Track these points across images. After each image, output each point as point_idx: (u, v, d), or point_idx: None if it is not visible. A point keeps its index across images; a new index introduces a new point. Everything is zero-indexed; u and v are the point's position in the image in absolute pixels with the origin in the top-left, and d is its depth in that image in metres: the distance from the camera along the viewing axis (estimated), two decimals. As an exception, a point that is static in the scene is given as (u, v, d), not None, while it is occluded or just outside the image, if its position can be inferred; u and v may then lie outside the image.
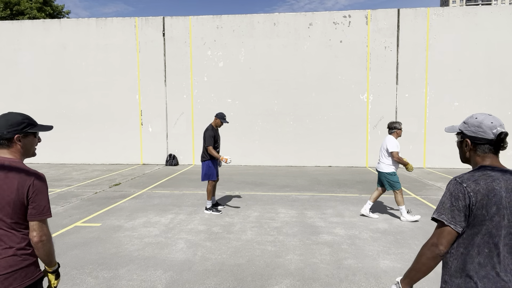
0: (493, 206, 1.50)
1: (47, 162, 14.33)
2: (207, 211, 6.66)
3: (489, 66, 12.66)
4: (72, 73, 14.13)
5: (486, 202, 1.50)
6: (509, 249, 1.52)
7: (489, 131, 1.60)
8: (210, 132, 6.53)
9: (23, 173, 1.81)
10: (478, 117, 1.64)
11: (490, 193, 1.51)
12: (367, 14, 13.05)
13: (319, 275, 4.03)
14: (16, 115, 1.93)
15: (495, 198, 1.50)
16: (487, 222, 1.50)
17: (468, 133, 1.66)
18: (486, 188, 1.52)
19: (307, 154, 13.47)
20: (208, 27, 13.61)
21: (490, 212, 1.50)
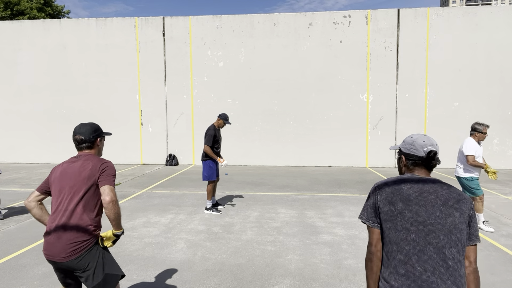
0: (399, 202, 1.65)
1: (47, 162, 14.33)
2: (207, 211, 6.66)
3: (489, 66, 12.66)
4: (72, 73, 14.13)
5: (391, 198, 1.67)
6: (434, 249, 1.57)
7: (421, 149, 1.78)
8: (211, 131, 6.52)
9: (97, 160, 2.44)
10: (413, 136, 1.83)
11: (396, 191, 1.69)
12: (367, 14, 13.05)
13: (319, 275, 4.03)
14: (94, 124, 2.56)
15: (400, 195, 1.66)
16: (398, 217, 1.63)
17: (404, 150, 1.85)
18: (393, 188, 1.70)
19: (307, 154, 13.46)
20: (208, 27, 13.61)
21: (397, 207, 1.65)
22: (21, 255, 4.62)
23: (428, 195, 1.66)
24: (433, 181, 1.73)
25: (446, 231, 1.58)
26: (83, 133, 2.47)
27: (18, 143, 14.39)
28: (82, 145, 2.47)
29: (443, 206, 1.63)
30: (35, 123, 14.33)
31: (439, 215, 1.60)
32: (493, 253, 4.65)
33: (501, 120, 12.72)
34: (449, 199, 1.65)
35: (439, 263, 1.56)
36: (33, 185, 9.49)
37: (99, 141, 2.56)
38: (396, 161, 1.85)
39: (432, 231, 1.59)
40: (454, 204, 1.64)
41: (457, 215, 1.62)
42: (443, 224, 1.59)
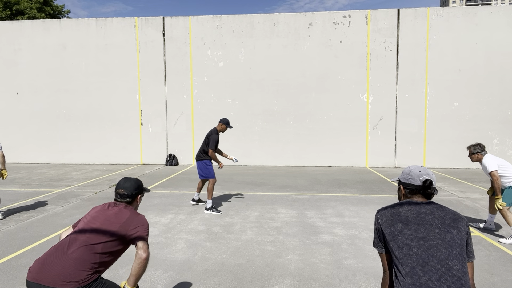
0: (399, 223, 1.79)
1: (47, 162, 14.33)
2: (207, 211, 6.68)
3: (489, 66, 12.66)
4: (72, 73, 14.13)
5: (391, 221, 1.82)
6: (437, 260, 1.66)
7: (417, 178, 1.92)
8: (216, 136, 6.78)
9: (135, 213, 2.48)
10: (410, 167, 1.99)
11: (395, 214, 1.84)
12: (367, 14, 13.05)
13: (319, 275, 4.03)
14: (138, 180, 2.64)
15: (399, 217, 1.81)
16: (399, 236, 1.75)
17: (402, 180, 2.00)
18: (392, 211, 1.87)
19: (307, 154, 13.47)
20: (208, 27, 13.61)
21: (397, 228, 1.78)
22: (21, 255, 4.62)
23: (425, 215, 1.79)
24: (429, 203, 1.87)
25: (446, 245, 1.68)
26: (127, 188, 2.53)
27: (18, 143, 14.39)
28: (123, 200, 2.54)
29: (441, 224, 1.74)
30: (35, 123, 14.33)
31: (438, 232, 1.72)
32: (493, 253, 4.65)
33: (501, 120, 12.72)
34: (446, 218, 1.78)
35: (444, 272, 1.63)
36: (33, 185, 9.49)
37: (139, 198, 2.63)
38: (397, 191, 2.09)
39: (433, 246, 1.68)
40: (451, 223, 1.76)
41: (455, 232, 1.72)
42: (443, 240, 1.69)
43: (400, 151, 13.12)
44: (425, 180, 1.89)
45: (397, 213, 1.83)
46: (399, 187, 2.04)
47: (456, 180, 10.33)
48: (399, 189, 2.04)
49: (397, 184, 2.07)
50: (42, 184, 9.75)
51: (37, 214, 6.66)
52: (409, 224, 1.76)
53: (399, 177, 2.03)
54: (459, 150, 12.79)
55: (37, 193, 8.52)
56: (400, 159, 13.10)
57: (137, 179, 2.60)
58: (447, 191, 8.77)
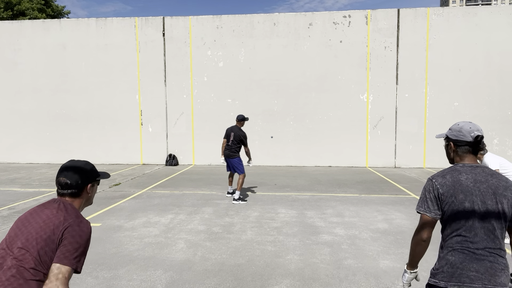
0: (460, 194, 1.87)
1: (47, 162, 14.33)
2: (235, 202, 7.38)
3: (489, 66, 12.65)
4: (72, 73, 14.13)
5: (453, 191, 1.88)
6: (486, 231, 1.84)
7: (468, 135, 1.96)
8: (246, 134, 7.70)
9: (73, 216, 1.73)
10: (460, 124, 2.03)
11: (456, 183, 1.89)
12: (367, 14, 13.05)
13: (319, 275, 4.03)
14: (87, 164, 1.92)
15: (461, 187, 1.87)
16: (459, 207, 1.86)
17: (452, 137, 2.04)
18: (452, 180, 1.90)
19: (307, 154, 13.46)
20: (208, 27, 13.61)
21: (459, 198, 1.86)
22: (21, 255, 4.62)
23: (481, 184, 1.88)
24: (482, 169, 1.95)
25: (496, 217, 1.85)
26: (69, 176, 1.82)
27: (18, 143, 14.39)
28: (64, 191, 1.82)
29: (493, 195, 1.86)
30: (35, 123, 14.33)
31: (490, 204, 1.85)
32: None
33: (501, 120, 12.72)
34: (499, 187, 1.88)
35: (490, 243, 1.84)
36: (33, 185, 9.49)
37: (89, 188, 1.89)
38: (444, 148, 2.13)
39: (485, 217, 1.84)
40: (503, 191, 1.87)
41: (505, 202, 1.86)
42: (493, 210, 1.85)
43: (400, 151, 13.11)
44: (476, 136, 1.94)
45: (458, 182, 1.89)
46: (447, 144, 2.08)
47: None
48: (447, 146, 2.08)
49: (446, 141, 2.10)
50: (42, 184, 9.75)
51: (37, 214, 6.65)
52: (468, 195, 1.86)
53: (447, 134, 2.07)
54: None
55: (37, 193, 8.52)
56: (400, 159, 13.09)
57: (85, 161, 1.94)
58: (447, 191, 8.76)
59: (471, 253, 1.84)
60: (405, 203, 7.47)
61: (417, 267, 2.09)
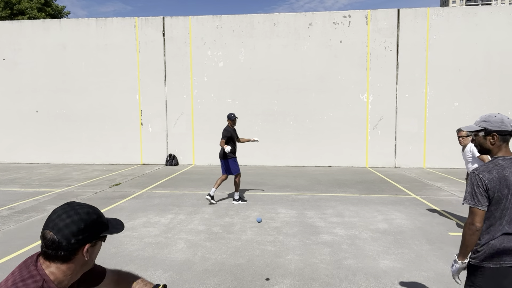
0: (505, 189, 2.06)
1: (47, 162, 14.33)
2: (235, 202, 7.33)
3: (489, 66, 12.66)
4: (72, 73, 14.13)
5: (499, 187, 2.05)
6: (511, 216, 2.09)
7: (509, 125, 2.13)
8: (226, 130, 7.29)
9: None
10: (497, 116, 2.16)
11: (502, 179, 2.05)
12: (367, 14, 13.05)
13: (319, 275, 4.03)
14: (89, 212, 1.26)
15: (506, 183, 2.05)
16: (503, 200, 2.06)
17: (493, 128, 2.15)
18: (498, 176, 2.06)
19: (307, 154, 13.46)
20: (208, 27, 13.61)
21: (504, 193, 2.06)
22: (21, 255, 4.62)
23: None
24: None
25: None
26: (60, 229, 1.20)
27: (18, 143, 14.39)
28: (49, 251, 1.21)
29: None
30: (35, 123, 14.33)
31: None
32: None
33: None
34: None
35: None
36: (33, 185, 9.49)
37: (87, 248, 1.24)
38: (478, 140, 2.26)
39: None
40: None
41: None
42: None
43: (400, 151, 13.11)
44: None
45: (503, 178, 2.06)
46: (486, 136, 2.18)
47: (456, 180, 10.33)
48: (486, 138, 2.19)
49: (482, 133, 2.20)
50: (42, 184, 9.75)
51: (37, 214, 6.66)
52: (511, 190, 2.06)
53: (487, 126, 2.17)
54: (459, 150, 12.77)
55: (37, 193, 8.52)
56: (400, 159, 13.10)
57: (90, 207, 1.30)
58: (447, 191, 8.76)
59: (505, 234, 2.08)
60: (405, 203, 7.47)
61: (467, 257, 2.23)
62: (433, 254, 4.61)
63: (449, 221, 6.13)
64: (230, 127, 7.38)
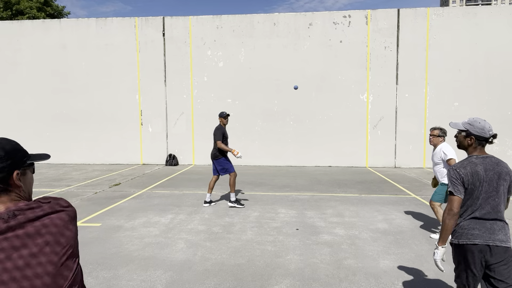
0: (477, 181, 2.49)
1: (47, 162, 14.32)
2: (231, 203, 6.93)
3: (489, 66, 12.66)
4: (72, 73, 14.12)
5: (472, 180, 2.49)
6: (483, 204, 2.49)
7: (487, 133, 2.53)
8: (219, 129, 6.97)
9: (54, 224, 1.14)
10: (481, 122, 2.53)
11: (474, 174, 2.49)
12: (367, 14, 13.05)
13: (319, 275, 4.03)
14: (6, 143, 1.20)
15: (477, 176, 2.48)
16: (475, 191, 2.49)
17: (474, 132, 2.55)
18: (471, 171, 2.50)
19: (307, 154, 13.46)
20: (208, 27, 13.61)
21: (476, 185, 2.49)
22: (21, 255, 4.62)
23: (489, 172, 2.49)
24: (490, 159, 2.55)
25: (499, 195, 2.50)
26: None
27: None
28: None
29: (498, 179, 2.49)
30: (35, 123, 14.33)
31: (495, 186, 2.49)
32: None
33: (501, 120, 12.72)
34: (502, 173, 2.50)
35: (495, 213, 2.49)
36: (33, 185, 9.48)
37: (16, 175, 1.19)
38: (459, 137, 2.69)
39: (491, 197, 2.48)
40: (505, 176, 2.51)
41: (505, 184, 2.51)
42: (497, 191, 2.49)
43: (400, 151, 13.11)
44: (493, 134, 2.55)
45: (475, 172, 2.49)
46: (465, 136, 2.60)
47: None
48: (465, 137, 2.61)
49: (465, 133, 2.61)
50: (42, 184, 9.75)
51: (37, 214, 6.65)
52: (482, 182, 2.48)
53: (470, 129, 2.57)
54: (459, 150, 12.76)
55: (37, 193, 8.51)
56: (400, 159, 13.09)
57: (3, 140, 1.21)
58: (447, 191, 8.76)
59: (481, 221, 2.48)
60: (405, 203, 7.47)
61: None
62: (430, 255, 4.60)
63: (449, 221, 6.11)
64: (222, 125, 7.10)
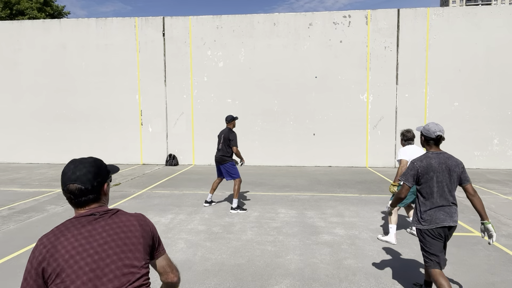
0: (430, 172, 3.15)
1: (47, 162, 14.33)
2: (233, 211, 6.72)
3: (489, 66, 12.66)
4: (72, 73, 14.13)
5: (426, 170, 3.16)
6: (439, 191, 3.16)
7: (433, 134, 3.20)
8: (234, 133, 6.91)
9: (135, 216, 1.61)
10: (430, 126, 3.22)
11: (428, 166, 3.16)
12: (367, 14, 13.05)
13: (319, 275, 4.03)
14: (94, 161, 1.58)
15: (431, 168, 3.15)
16: (429, 181, 3.16)
17: (424, 133, 3.28)
18: (426, 164, 3.17)
19: (307, 154, 13.46)
20: (208, 27, 13.61)
21: (429, 175, 3.15)
22: (21, 255, 4.62)
23: (441, 165, 3.15)
24: (443, 154, 3.22)
25: (449, 183, 3.16)
26: (82, 180, 1.49)
27: (18, 143, 14.39)
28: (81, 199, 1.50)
29: (449, 171, 3.16)
30: (35, 123, 14.33)
31: (447, 176, 3.15)
32: (493, 253, 4.66)
33: (501, 120, 12.72)
34: (451, 166, 3.16)
35: (447, 198, 3.16)
36: (33, 185, 9.49)
37: (106, 187, 1.60)
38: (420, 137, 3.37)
39: (443, 186, 3.15)
40: (454, 168, 3.16)
41: (455, 175, 3.17)
42: (448, 180, 3.16)
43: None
44: (437, 135, 3.18)
45: (429, 165, 3.16)
46: (421, 136, 3.31)
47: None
48: (421, 137, 3.32)
49: (421, 135, 3.31)
50: (42, 184, 9.75)
51: (37, 214, 6.66)
52: (435, 173, 3.14)
53: (422, 131, 3.27)
54: (459, 150, 12.77)
55: (37, 193, 8.52)
56: (400, 159, 13.08)
57: (92, 160, 1.58)
58: (447, 191, 8.76)
59: (440, 208, 3.15)
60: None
61: None
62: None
63: (449, 221, 6.12)
64: (233, 130, 7.03)
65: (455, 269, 4.17)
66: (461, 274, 4.03)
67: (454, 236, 5.36)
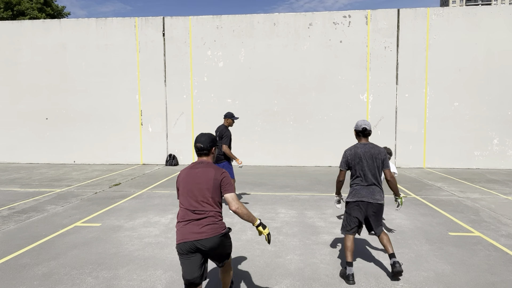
0: (357, 159, 3.90)
1: (47, 162, 14.33)
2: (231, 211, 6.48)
3: (489, 66, 12.66)
4: (72, 73, 14.13)
5: (353, 157, 3.93)
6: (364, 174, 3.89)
7: (359, 127, 4.03)
8: (229, 132, 6.54)
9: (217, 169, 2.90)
10: (359, 121, 4.07)
11: (356, 154, 3.93)
12: (367, 14, 13.05)
13: (319, 275, 4.03)
14: (211, 135, 3.01)
15: (358, 156, 3.91)
16: (356, 166, 3.92)
17: (355, 128, 4.09)
18: (354, 152, 3.95)
19: (307, 154, 13.46)
20: (208, 27, 13.61)
21: (355, 161, 3.92)
22: (21, 255, 4.62)
23: (367, 153, 3.90)
24: (369, 145, 3.98)
25: (372, 168, 3.89)
26: (203, 142, 2.93)
27: (18, 143, 14.40)
28: (201, 152, 2.96)
29: (372, 157, 3.89)
30: (35, 123, 14.33)
31: (370, 162, 3.89)
32: (493, 253, 4.65)
33: (501, 120, 12.72)
34: (374, 153, 3.90)
35: (370, 180, 3.89)
36: (33, 185, 9.49)
37: (214, 149, 3.02)
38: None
39: (368, 169, 3.88)
40: (377, 156, 3.90)
41: (378, 161, 3.90)
42: (371, 165, 3.89)
43: (400, 151, 13.12)
44: (362, 128, 4.00)
45: (356, 153, 3.94)
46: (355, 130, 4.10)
47: (456, 180, 10.33)
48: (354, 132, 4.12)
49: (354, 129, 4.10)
50: (42, 184, 9.75)
51: (37, 214, 6.66)
52: (361, 159, 3.90)
53: (355, 126, 4.09)
54: (459, 150, 12.80)
55: (37, 193, 8.52)
56: (400, 159, 13.09)
57: (210, 134, 3.02)
58: (447, 191, 8.76)
59: (363, 187, 3.90)
60: (405, 203, 7.46)
61: (340, 194, 4.29)
62: (433, 254, 4.61)
63: (449, 221, 6.13)
64: (228, 128, 6.65)
65: (455, 269, 4.17)
66: (461, 274, 4.03)
67: (454, 236, 5.37)
